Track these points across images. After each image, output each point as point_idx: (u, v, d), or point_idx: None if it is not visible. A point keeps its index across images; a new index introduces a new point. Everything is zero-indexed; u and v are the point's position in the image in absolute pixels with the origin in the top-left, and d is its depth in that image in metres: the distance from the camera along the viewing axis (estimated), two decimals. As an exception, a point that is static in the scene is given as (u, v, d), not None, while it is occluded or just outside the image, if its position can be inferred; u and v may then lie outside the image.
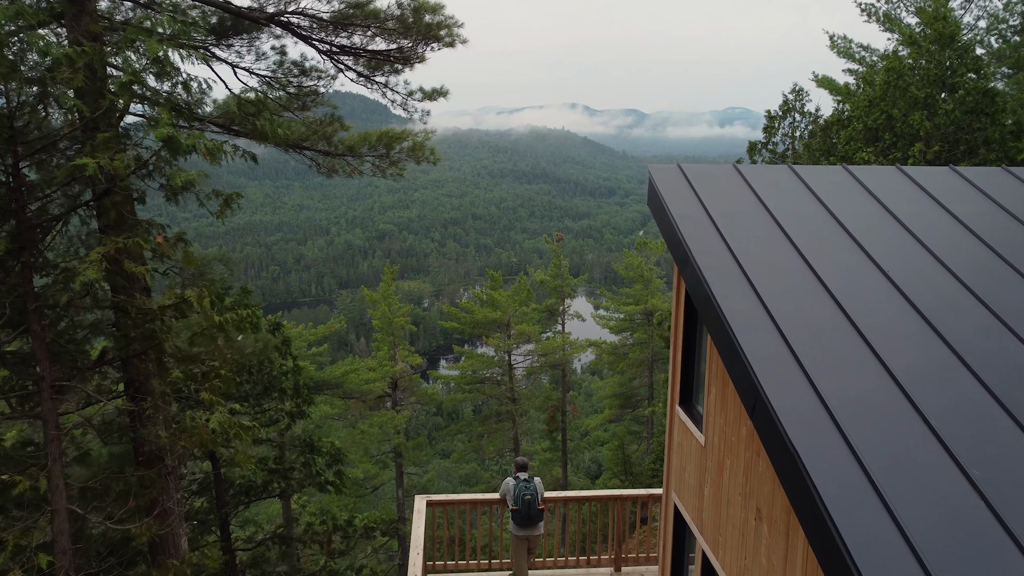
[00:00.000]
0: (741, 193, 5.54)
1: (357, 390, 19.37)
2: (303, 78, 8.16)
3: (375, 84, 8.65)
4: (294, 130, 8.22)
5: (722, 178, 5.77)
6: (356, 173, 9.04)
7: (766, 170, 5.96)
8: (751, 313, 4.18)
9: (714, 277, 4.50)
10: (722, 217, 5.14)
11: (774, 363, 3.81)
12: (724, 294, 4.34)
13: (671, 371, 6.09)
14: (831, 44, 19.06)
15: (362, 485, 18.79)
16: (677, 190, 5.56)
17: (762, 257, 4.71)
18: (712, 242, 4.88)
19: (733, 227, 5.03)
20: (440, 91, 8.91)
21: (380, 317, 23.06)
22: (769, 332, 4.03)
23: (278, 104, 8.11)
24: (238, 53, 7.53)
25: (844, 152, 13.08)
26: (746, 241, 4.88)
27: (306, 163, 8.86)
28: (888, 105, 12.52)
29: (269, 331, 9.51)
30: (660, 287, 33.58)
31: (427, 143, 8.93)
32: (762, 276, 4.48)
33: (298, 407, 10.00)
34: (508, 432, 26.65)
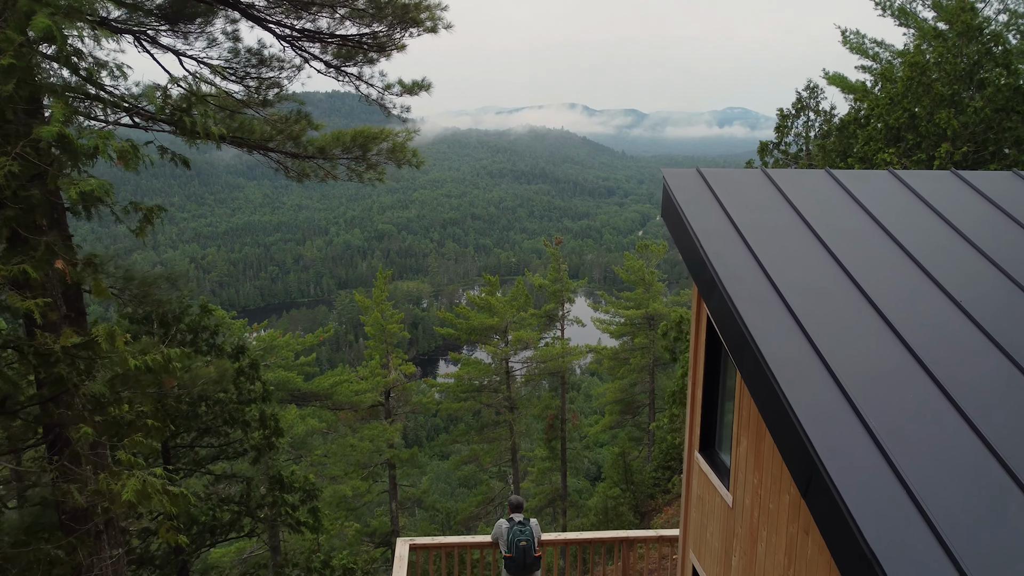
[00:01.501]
0: (773, 203, 4.68)
1: (347, 401, 18.50)
2: (262, 69, 7.22)
3: (346, 76, 7.67)
4: (257, 129, 7.32)
5: (749, 185, 4.91)
6: (329, 178, 8.11)
7: (800, 175, 5.10)
8: (799, 359, 3.32)
9: (750, 311, 3.63)
10: (753, 233, 4.28)
11: (835, 429, 2.95)
12: (764, 333, 3.47)
13: (689, 411, 5.23)
14: (843, 40, 18.20)
15: (351, 502, 17.94)
16: (697, 199, 4.70)
17: (807, 284, 3.84)
18: (744, 265, 4.02)
19: (767, 246, 4.17)
20: (422, 84, 7.94)
21: (373, 323, 22.18)
22: (825, 385, 3.17)
23: (238, 100, 7.17)
24: (185, 39, 6.62)
25: (863, 153, 12.22)
26: (785, 263, 4.02)
27: (272, 166, 7.94)
28: (911, 103, 11.67)
29: (232, 355, 8.61)
30: (661, 290, 32.75)
31: (409, 144, 8.00)
32: (810, 309, 3.61)
33: (266, 438, 9.11)
34: (506, 442, 25.78)
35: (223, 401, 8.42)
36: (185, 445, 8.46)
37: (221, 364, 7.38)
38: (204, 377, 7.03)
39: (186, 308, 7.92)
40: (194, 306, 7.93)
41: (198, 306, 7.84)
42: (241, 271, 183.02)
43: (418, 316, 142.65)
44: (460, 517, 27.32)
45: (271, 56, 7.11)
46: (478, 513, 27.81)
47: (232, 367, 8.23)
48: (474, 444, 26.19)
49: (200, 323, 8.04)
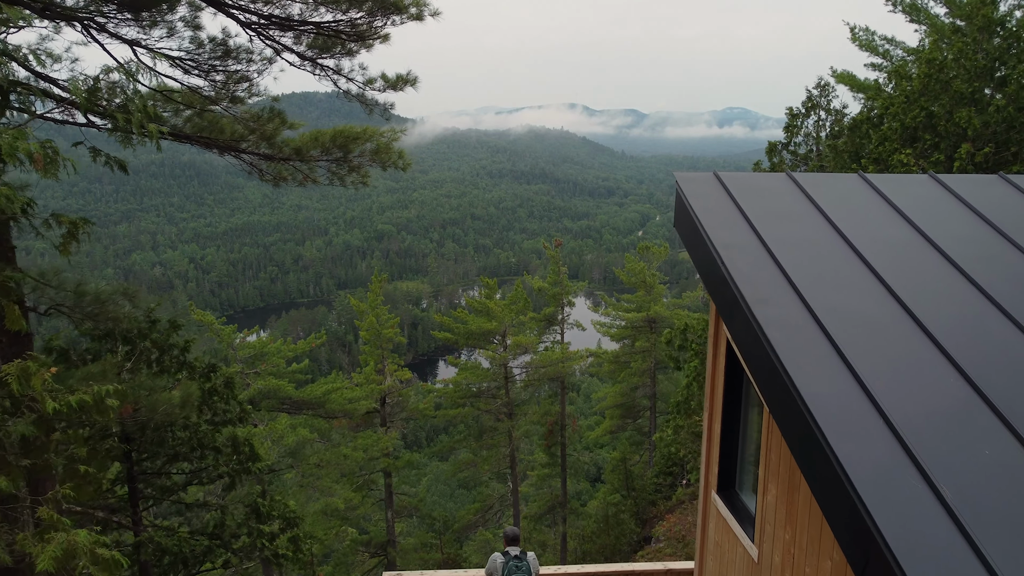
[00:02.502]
0: (802, 211, 4.12)
1: (341, 409, 17.93)
2: (228, 61, 6.60)
3: (323, 70, 7.02)
4: (227, 128, 6.73)
5: (774, 191, 4.35)
6: (308, 181, 7.50)
7: (830, 180, 4.54)
8: (847, 403, 2.76)
9: (783, 340, 3.07)
10: (782, 247, 3.72)
11: (899, 496, 2.39)
12: (800, 368, 2.92)
13: (705, 445, 4.67)
14: (852, 37, 17.64)
15: (343, 515, 17.36)
16: (716, 208, 4.14)
17: (848, 309, 3.28)
18: (773, 285, 3.46)
19: (799, 262, 3.61)
20: (407, 78, 7.28)
21: (368, 328, 21.61)
22: (881, 437, 2.61)
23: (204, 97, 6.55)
24: (141, 27, 5.99)
25: (878, 154, 11.66)
26: (820, 283, 3.46)
27: (245, 169, 7.33)
28: (928, 101, 11.11)
29: (203, 374, 8.01)
30: (662, 293, 32.19)
31: (395, 144, 7.39)
32: (854, 340, 3.05)
33: (241, 464, 8.50)
34: (504, 448, 25.21)
35: (191, 426, 7.80)
36: (153, 472, 7.87)
37: (186, 387, 6.76)
38: (166, 403, 6.43)
39: (153, 323, 7.34)
40: (163, 320, 7.33)
41: (167, 321, 7.25)
42: (240, 271, 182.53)
43: (417, 316, 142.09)
44: (457, 525, 26.77)
45: (238, 47, 6.47)
46: (475, 521, 27.25)
47: (199, 390, 7.59)
48: (472, 451, 25.62)
49: (167, 340, 7.44)
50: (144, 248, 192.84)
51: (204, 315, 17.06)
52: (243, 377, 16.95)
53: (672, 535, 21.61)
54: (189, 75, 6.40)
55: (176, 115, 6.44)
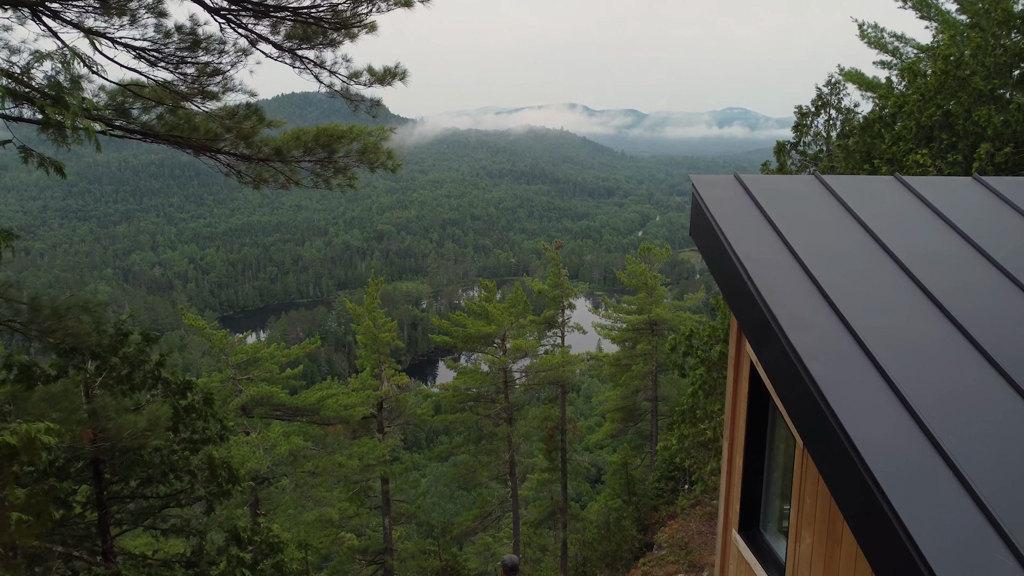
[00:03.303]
0: (835, 219, 3.67)
1: (336, 416, 17.47)
2: (199, 52, 6.11)
3: (303, 62, 6.52)
4: (201, 127, 6.24)
5: (801, 196, 3.90)
6: (291, 184, 7.02)
7: (864, 184, 4.09)
8: (909, 453, 2.31)
9: (827, 375, 2.62)
10: (818, 261, 3.27)
11: (979, 563, 1.94)
12: (851, 410, 2.47)
13: (725, 479, 4.22)
14: (860, 33, 17.20)
15: (338, 525, 16.91)
16: (739, 215, 3.69)
17: (900, 335, 2.83)
18: (810, 305, 3.01)
19: (837, 278, 3.16)
20: (394, 71, 6.73)
21: (364, 332, 21.14)
22: (955, 500, 2.16)
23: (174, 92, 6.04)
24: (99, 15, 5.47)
25: (891, 154, 11.21)
26: (865, 304, 3.01)
27: (222, 170, 6.84)
28: (945, 99, 10.66)
29: (178, 391, 7.51)
30: (664, 295, 31.74)
31: (383, 143, 6.88)
32: (911, 374, 2.60)
33: (219, 487, 8.01)
34: (504, 454, 24.76)
35: (162, 449, 7.29)
36: (126, 496, 7.40)
37: (154, 410, 6.28)
38: (131, 427, 5.95)
39: (124, 336, 6.87)
40: (135, 333, 6.84)
41: (139, 334, 6.79)
42: (240, 272, 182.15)
43: (417, 317, 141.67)
44: (456, 531, 26.31)
45: (208, 37, 5.97)
46: (474, 527, 26.81)
47: (172, 408, 7.09)
48: (471, 454, 25.17)
49: (138, 356, 6.95)
50: (144, 248, 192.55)
51: (196, 320, 16.61)
52: (235, 383, 16.50)
53: (675, 542, 21.17)
54: (156, 68, 5.91)
55: (144, 112, 5.97)
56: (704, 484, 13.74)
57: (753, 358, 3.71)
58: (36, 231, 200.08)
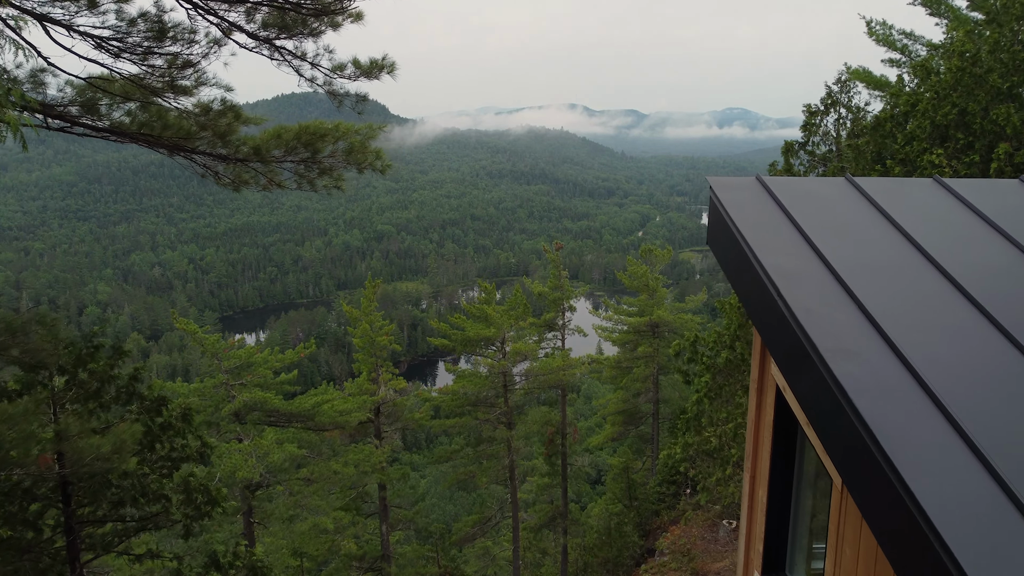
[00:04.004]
0: (872, 227, 3.27)
1: (332, 422, 17.07)
2: (166, 42, 5.67)
3: (281, 53, 6.07)
4: (174, 124, 5.80)
5: (832, 200, 3.49)
6: (273, 186, 6.57)
7: (900, 187, 3.69)
8: (984, 512, 1.91)
9: (879, 411, 2.23)
10: (858, 277, 2.87)
11: None
12: (910, 458, 2.07)
13: (746, 517, 3.81)
14: (868, 31, 16.81)
15: (332, 534, 16.50)
16: (765, 222, 3.29)
17: (960, 365, 2.43)
18: (854, 329, 2.61)
19: (883, 298, 2.76)
20: (381, 64, 6.22)
21: (361, 336, 20.73)
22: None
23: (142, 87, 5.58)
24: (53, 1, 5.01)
25: (904, 154, 10.81)
26: (917, 329, 2.61)
27: (198, 171, 6.40)
28: (961, 97, 10.26)
29: (151, 408, 7.07)
30: (665, 296, 31.35)
31: (371, 142, 6.41)
32: (979, 412, 2.20)
33: (197, 509, 7.58)
34: (503, 459, 24.35)
35: (131, 473, 6.83)
36: (96, 520, 6.96)
37: (119, 432, 5.84)
38: (93, 451, 5.52)
39: (96, 349, 6.45)
40: (106, 345, 6.41)
41: (110, 347, 6.34)
42: (240, 272, 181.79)
43: (417, 317, 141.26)
44: (455, 538, 25.93)
45: (176, 25, 5.52)
46: (474, 533, 26.41)
47: (143, 427, 6.63)
48: (470, 459, 24.76)
49: (108, 371, 6.50)
50: (143, 248, 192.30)
51: (187, 324, 16.21)
52: (228, 388, 16.10)
53: (677, 548, 20.76)
54: (120, 60, 5.44)
55: (112, 108, 5.55)
56: (709, 494, 13.34)
57: (780, 382, 3.31)
58: (36, 231, 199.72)
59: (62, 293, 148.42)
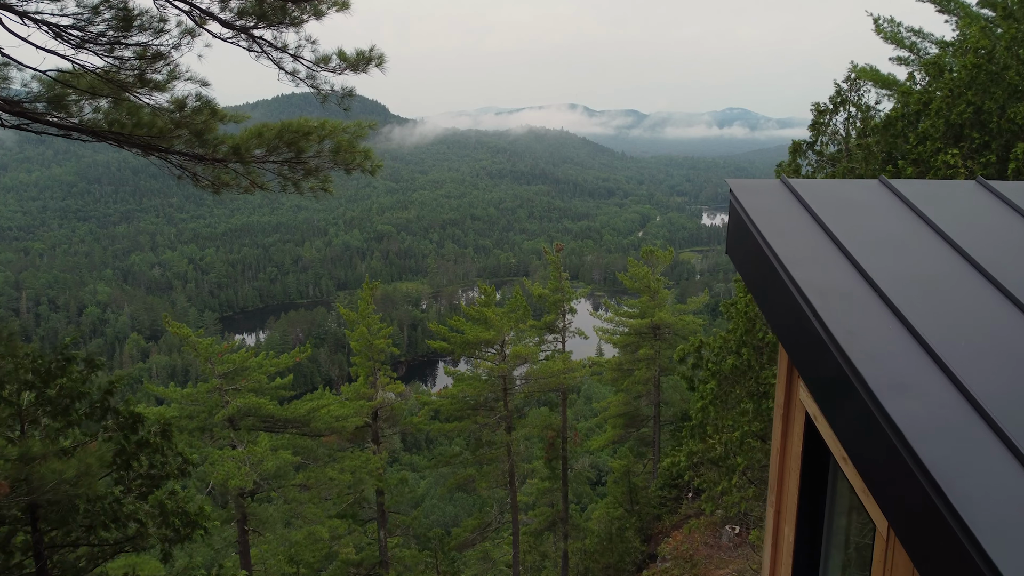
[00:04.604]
0: (915, 237, 2.92)
1: (328, 427, 16.72)
2: (132, 32, 5.27)
3: (259, 44, 5.63)
4: (146, 121, 5.40)
5: (867, 206, 3.14)
6: (255, 188, 6.18)
7: (940, 189, 3.33)
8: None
9: (943, 458, 1.88)
10: (904, 294, 2.51)
11: None
12: (988, 519, 1.72)
13: (770, 556, 3.45)
14: (876, 28, 16.46)
15: (328, 544, 16.14)
16: (793, 230, 2.93)
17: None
18: (906, 358, 2.26)
19: (936, 320, 2.41)
20: (368, 55, 5.75)
21: (358, 339, 20.39)
22: None
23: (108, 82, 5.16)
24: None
25: (917, 154, 10.46)
26: (980, 356, 2.25)
27: (174, 172, 6.00)
28: (976, 95, 9.91)
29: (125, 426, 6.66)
30: (667, 298, 31.02)
31: (360, 141, 6.01)
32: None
33: (176, 532, 7.17)
34: (503, 464, 24.00)
35: (102, 496, 6.44)
36: (66, 544, 6.60)
37: (85, 455, 5.45)
38: (55, 478, 5.13)
39: (67, 362, 6.06)
40: (79, 358, 6.00)
41: (81, 361, 5.95)
42: (240, 272, 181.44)
43: (417, 318, 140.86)
44: (454, 543, 25.58)
45: (143, 13, 5.10)
46: (473, 539, 26.07)
47: (110, 451, 6.24)
48: (468, 463, 24.41)
49: (78, 387, 6.10)
50: (143, 249, 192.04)
51: (180, 328, 15.87)
52: (222, 394, 15.75)
53: (679, 554, 20.41)
54: (82, 51, 5.03)
55: (79, 104, 5.17)
56: (714, 504, 12.98)
57: (810, 409, 2.95)
58: (36, 231, 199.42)
59: (62, 293, 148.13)
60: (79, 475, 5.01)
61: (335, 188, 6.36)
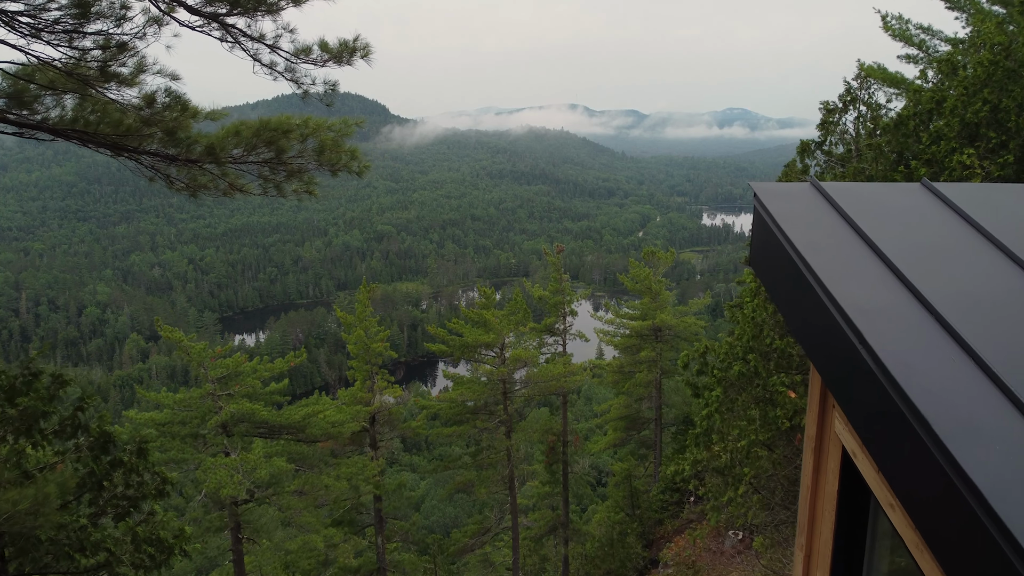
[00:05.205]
0: (970, 248, 2.56)
1: (323, 433, 16.36)
2: (93, 20, 4.85)
3: (232, 33, 5.23)
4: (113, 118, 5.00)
5: (911, 212, 2.78)
6: (234, 191, 5.78)
7: (990, 193, 2.97)
8: None
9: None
10: (966, 319, 2.16)
11: None
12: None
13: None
14: (884, 25, 16.11)
15: (322, 553, 15.78)
16: (828, 240, 2.58)
17: None
18: (975, 394, 1.91)
19: (1004, 347, 2.05)
20: (353, 46, 5.26)
21: (355, 342, 20.02)
22: None
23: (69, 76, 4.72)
24: None
25: (930, 154, 10.10)
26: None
27: (145, 174, 5.59)
28: (993, 93, 9.56)
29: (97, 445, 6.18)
30: (669, 300, 30.67)
31: (346, 140, 5.61)
32: None
33: (152, 559, 6.77)
34: (503, 468, 23.65)
35: (66, 525, 6.02)
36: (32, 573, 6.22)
37: (43, 485, 5.02)
38: (7, 509, 4.71)
39: (33, 378, 5.65)
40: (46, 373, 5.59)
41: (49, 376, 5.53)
42: (240, 272, 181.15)
43: (417, 318, 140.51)
44: (453, 549, 25.23)
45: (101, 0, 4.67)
46: (472, 544, 25.72)
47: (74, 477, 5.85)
48: (468, 467, 24.06)
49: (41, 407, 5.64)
50: (143, 249, 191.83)
51: (172, 332, 15.50)
52: (214, 399, 15.40)
53: (681, 560, 20.06)
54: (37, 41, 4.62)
55: (37, 99, 4.80)
56: (719, 514, 12.63)
57: (848, 445, 2.60)
58: (36, 231, 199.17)
59: (62, 293, 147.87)
60: (36, 504, 4.62)
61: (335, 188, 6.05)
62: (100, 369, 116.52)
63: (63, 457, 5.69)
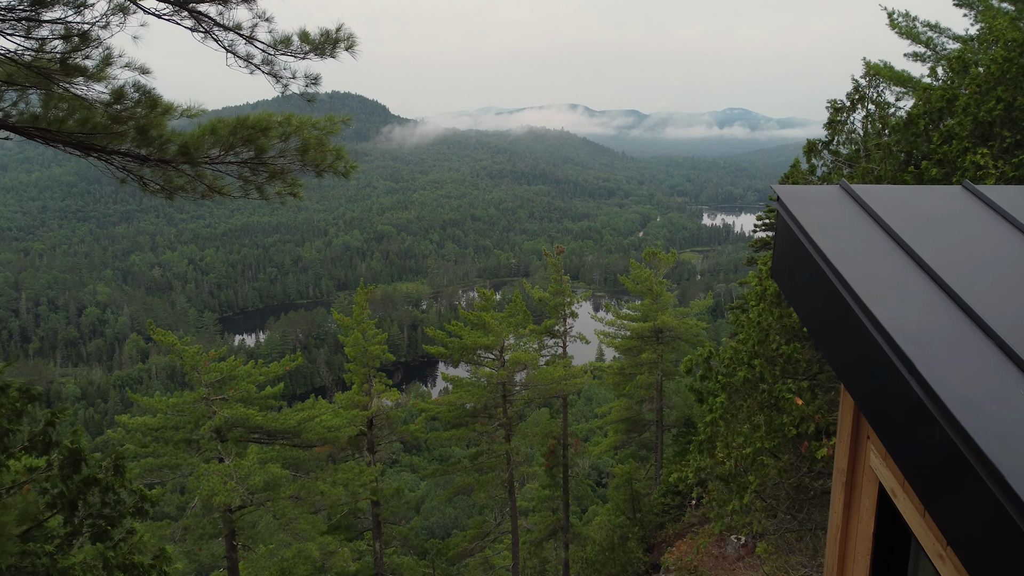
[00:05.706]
0: (1018, 257, 2.27)
1: (319, 438, 16.06)
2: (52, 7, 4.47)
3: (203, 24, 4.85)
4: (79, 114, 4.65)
5: (956, 219, 2.49)
6: (213, 193, 5.45)
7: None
8: None
9: None
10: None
11: None
12: None
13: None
14: (891, 23, 15.81)
15: (318, 560, 15.49)
16: (864, 251, 2.28)
17: None
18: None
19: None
20: (336, 37, 4.87)
21: (353, 345, 19.72)
22: None
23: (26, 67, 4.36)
24: None
25: (942, 154, 9.81)
26: None
27: (117, 175, 5.27)
28: (1007, 91, 9.26)
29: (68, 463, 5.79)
30: (670, 301, 30.38)
31: (330, 139, 5.29)
32: None
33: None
34: (502, 472, 23.35)
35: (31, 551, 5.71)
36: None
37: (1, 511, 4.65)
38: None
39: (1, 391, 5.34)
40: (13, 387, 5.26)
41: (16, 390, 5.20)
42: (240, 272, 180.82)
43: (417, 318, 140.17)
44: (452, 552, 24.93)
45: None
46: (472, 548, 25.43)
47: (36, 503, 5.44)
48: (467, 471, 23.77)
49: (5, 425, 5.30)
50: (143, 249, 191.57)
51: (165, 335, 15.22)
52: (208, 404, 15.10)
53: (683, 564, 19.78)
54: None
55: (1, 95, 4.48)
56: (723, 523, 12.33)
57: (887, 482, 2.30)
58: (36, 231, 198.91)
59: (62, 293, 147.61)
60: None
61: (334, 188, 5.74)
62: (100, 369, 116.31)
63: (31, 476, 5.39)
